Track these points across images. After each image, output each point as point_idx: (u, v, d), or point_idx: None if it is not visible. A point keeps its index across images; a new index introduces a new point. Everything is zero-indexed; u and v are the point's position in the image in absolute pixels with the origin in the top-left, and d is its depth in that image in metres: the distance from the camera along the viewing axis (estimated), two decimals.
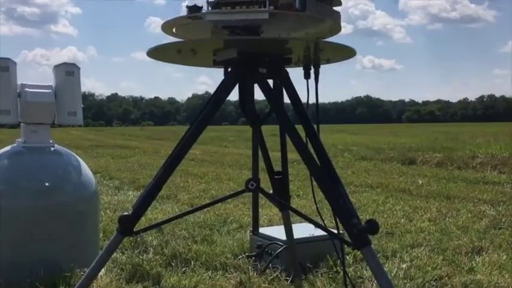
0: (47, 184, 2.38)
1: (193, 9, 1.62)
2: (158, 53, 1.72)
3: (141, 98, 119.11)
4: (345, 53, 1.76)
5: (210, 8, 1.61)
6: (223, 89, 1.73)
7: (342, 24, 1.83)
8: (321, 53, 1.75)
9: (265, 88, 1.74)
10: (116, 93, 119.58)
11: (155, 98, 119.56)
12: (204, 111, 1.73)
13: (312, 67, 1.86)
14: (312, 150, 1.68)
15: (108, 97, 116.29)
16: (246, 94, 1.81)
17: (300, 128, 1.70)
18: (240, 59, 1.67)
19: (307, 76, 1.86)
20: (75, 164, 2.61)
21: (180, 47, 1.67)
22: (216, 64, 1.83)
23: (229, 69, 1.78)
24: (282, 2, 1.59)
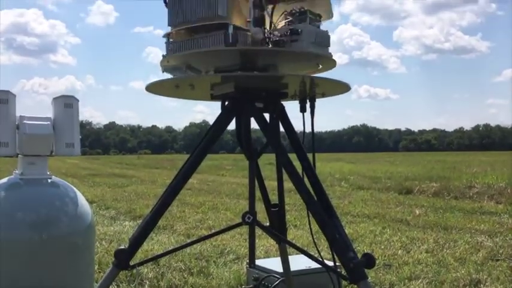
0: (42, 216, 2.37)
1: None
2: (157, 87, 1.75)
3: (139, 127, 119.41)
4: (340, 88, 1.80)
5: None
6: (220, 122, 1.76)
7: (338, 54, 1.89)
8: (316, 87, 1.78)
9: (261, 122, 1.76)
10: (114, 122, 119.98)
11: (152, 126, 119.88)
12: (201, 145, 1.75)
13: (307, 101, 1.89)
14: (307, 183, 1.69)
15: (105, 125, 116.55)
16: (243, 128, 1.83)
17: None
18: (237, 94, 1.70)
19: (303, 110, 1.89)
20: (71, 196, 2.60)
21: (178, 82, 1.70)
22: (213, 98, 1.86)
23: (227, 103, 1.81)
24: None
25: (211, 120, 1.79)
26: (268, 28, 1.69)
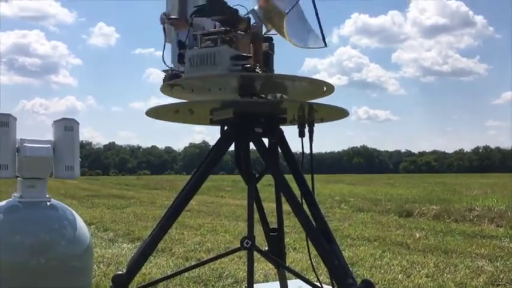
0: (41, 239, 2.36)
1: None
2: (157, 113, 1.77)
3: (138, 147, 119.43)
4: (339, 113, 1.81)
5: None
6: (220, 147, 1.77)
7: (337, 76, 1.94)
8: (315, 113, 1.80)
9: (260, 147, 1.78)
10: (114, 142, 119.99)
11: (152, 147, 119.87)
12: (200, 169, 1.76)
13: (306, 126, 1.90)
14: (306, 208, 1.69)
15: (105, 146, 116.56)
16: (242, 153, 1.84)
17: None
18: (236, 119, 1.72)
19: (301, 135, 1.91)
20: (70, 219, 2.59)
21: (178, 108, 1.72)
22: (212, 123, 1.88)
23: (226, 128, 1.82)
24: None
25: (211, 140, 1.81)
26: None
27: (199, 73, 1.58)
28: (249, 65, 1.61)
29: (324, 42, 1.81)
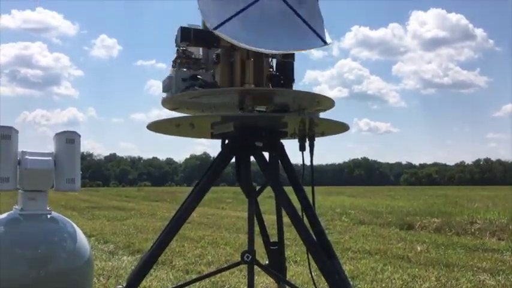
0: (41, 252, 2.36)
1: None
2: (158, 126, 1.77)
3: (139, 158, 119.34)
4: (339, 127, 1.82)
5: None
6: (220, 161, 1.77)
7: (338, 88, 1.97)
8: (315, 127, 1.80)
9: (261, 161, 1.78)
10: (115, 154, 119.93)
11: (153, 158, 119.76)
12: (201, 183, 1.76)
13: (307, 140, 1.91)
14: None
15: (106, 157, 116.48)
16: (243, 166, 1.84)
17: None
18: (236, 133, 1.72)
19: (302, 148, 1.91)
20: (70, 231, 2.59)
21: (179, 122, 1.72)
22: (213, 137, 1.88)
23: (227, 142, 1.83)
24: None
25: (212, 152, 1.82)
26: None
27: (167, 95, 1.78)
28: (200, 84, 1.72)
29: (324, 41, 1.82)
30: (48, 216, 2.52)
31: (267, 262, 2.09)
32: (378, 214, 11.05)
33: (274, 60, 1.85)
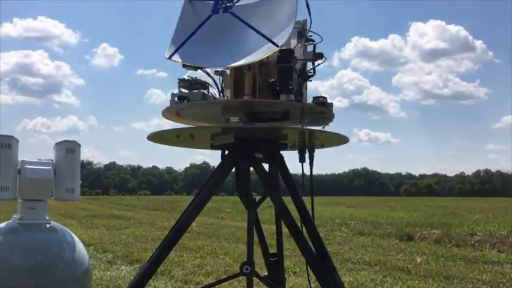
0: (39, 262, 2.35)
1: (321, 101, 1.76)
2: (158, 137, 1.78)
3: (139, 167, 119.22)
4: (339, 140, 1.82)
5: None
6: (220, 172, 1.77)
7: (338, 98, 1.99)
8: (315, 139, 1.81)
9: (260, 172, 1.78)
10: (114, 162, 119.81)
11: (153, 167, 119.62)
12: (201, 194, 1.76)
13: (307, 151, 1.91)
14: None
15: (106, 165, 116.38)
16: (242, 178, 1.85)
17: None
18: (236, 144, 1.73)
19: (302, 160, 1.92)
20: (69, 241, 2.58)
21: (179, 133, 1.73)
22: (213, 148, 1.89)
23: (227, 153, 1.83)
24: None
25: (211, 161, 1.82)
26: None
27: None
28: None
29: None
30: (47, 225, 2.52)
31: (266, 274, 2.08)
32: (378, 225, 11.03)
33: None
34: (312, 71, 1.79)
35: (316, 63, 1.79)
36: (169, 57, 1.75)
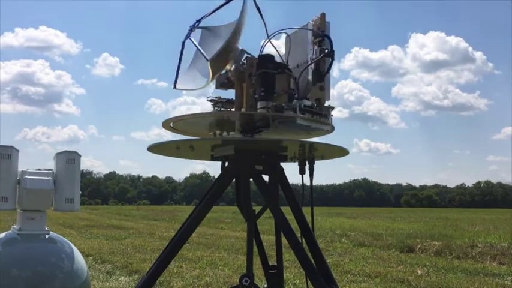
0: (38, 273, 2.35)
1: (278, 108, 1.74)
2: (158, 149, 1.78)
3: (139, 177, 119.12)
4: (339, 152, 1.82)
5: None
6: (220, 184, 1.77)
7: (338, 108, 1.99)
8: (315, 151, 1.81)
9: (260, 184, 1.78)
10: (114, 172, 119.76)
11: (153, 176, 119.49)
12: (201, 205, 1.76)
13: (307, 163, 1.91)
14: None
15: (105, 175, 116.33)
16: (242, 190, 1.84)
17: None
18: (236, 156, 1.73)
19: (302, 172, 1.91)
20: (68, 252, 2.58)
21: (179, 144, 1.73)
22: (213, 159, 1.89)
23: (227, 165, 1.83)
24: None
25: (211, 171, 1.82)
26: None
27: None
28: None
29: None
30: (46, 236, 2.52)
31: (265, 286, 2.07)
32: (378, 236, 10.98)
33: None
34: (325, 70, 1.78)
35: (327, 62, 1.77)
36: (174, 88, 1.89)
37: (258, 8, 1.81)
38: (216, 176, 1.87)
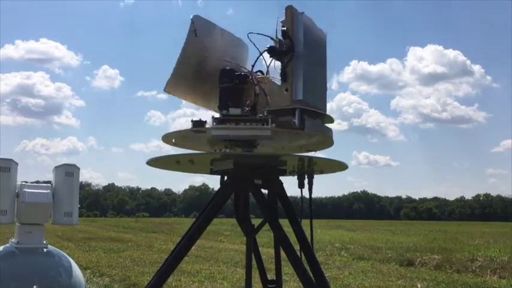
0: (36, 287, 2.33)
1: (198, 123, 1.71)
2: (158, 163, 1.78)
3: (138, 189, 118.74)
4: (338, 166, 1.82)
5: (215, 123, 1.68)
6: (219, 198, 1.77)
7: (337, 121, 1.95)
8: (314, 165, 1.81)
9: (259, 198, 1.78)
10: (113, 183, 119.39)
11: (152, 188, 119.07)
12: (199, 221, 1.75)
13: (306, 177, 1.91)
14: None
15: (104, 187, 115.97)
16: (241, 204, 1.84)
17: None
18: (236, 170, 1.73)
19: (301, 186, 1.91)
20: (66, 266, 2.56)
21: (179, 159, 1.73)
22: (212, 173, 1.89)
23: (226, 179, 1.83)
24: (281, 119, 1.68)
25: (210, 183, 1.82)
26: None
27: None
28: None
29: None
30: (45, 250, 2.50)
31: None
32: (378, 249, 10.94)
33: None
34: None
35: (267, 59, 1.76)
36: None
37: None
38: (215, 188, 1.87)
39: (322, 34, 1.86)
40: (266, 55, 1.78)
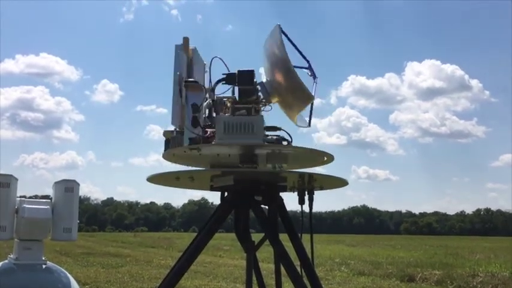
0: None
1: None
2: (158, 179, 1.78)
3: (137, 203, 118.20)
4: (338, 182, 1.82)
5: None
6: (219, 214, 1.76)
7: (336, 135, 1.97)
8: (314, 182, 1.81)
9: (259, 214, 1.77)
10: (112, 198, 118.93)
11: (151, 203, 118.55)
12: (199, 237, 1.75)
13: (306, 193, 1.91)
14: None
15: (103, 201, 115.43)
16: (241, 220, 1.84)
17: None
18: (236, 187, 1.73)
19: (301, 202, 1.91)
20: (64, 282, 2.55)
21: (179, 175, 1.73)
22: (213, 189, 1.89)
23: (226, 195, 1.83)
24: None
25: (210, 197, 1.81)
26: None
27: (236, 140, 1.61)
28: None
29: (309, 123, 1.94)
30: (43, 266, 2.49)
31: None
32: (378, 265, 10.87)
33: None
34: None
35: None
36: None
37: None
38: (215, 203, 1.87)
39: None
40: None
